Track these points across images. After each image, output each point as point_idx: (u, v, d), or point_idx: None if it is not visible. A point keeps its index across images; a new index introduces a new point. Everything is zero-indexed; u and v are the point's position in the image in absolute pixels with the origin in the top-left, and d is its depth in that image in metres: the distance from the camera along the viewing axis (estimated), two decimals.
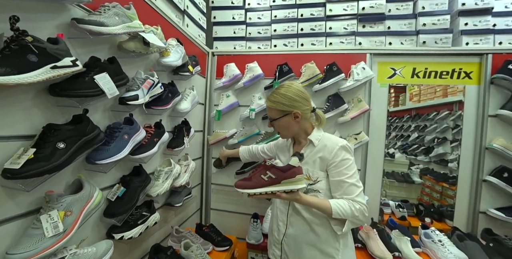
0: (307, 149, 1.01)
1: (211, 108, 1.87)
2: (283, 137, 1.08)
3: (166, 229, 1.39)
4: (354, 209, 0.87)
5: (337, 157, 0.92)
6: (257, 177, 0.83)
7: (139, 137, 1.03)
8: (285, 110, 0.96)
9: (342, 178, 0.91)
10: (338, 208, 0.87)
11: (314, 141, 0.99)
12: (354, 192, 0.90)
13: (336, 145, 0.94)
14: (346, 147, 0.94)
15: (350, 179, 0.90)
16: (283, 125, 0.99)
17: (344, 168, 0.91)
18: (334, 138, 0.99)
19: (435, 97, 1.95)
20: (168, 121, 1.41)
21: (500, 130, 1.53)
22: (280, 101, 0.96)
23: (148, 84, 1.09)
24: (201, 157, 1.87)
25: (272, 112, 1.00)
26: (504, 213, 1.41)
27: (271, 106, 0.99)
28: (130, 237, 0.95)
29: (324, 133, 1.03)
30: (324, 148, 0.96)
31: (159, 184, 1.17)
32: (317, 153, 0.97)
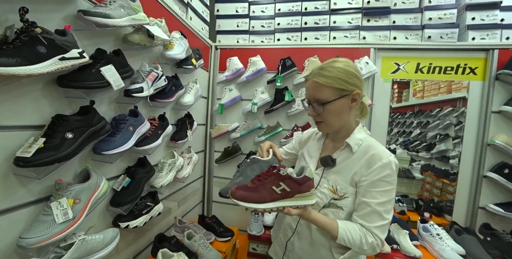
0: (341, 153, 0.82)
1: (214, 102, 1.89)
2: (326, 129, 0.83)
3: (169, 220, 1.43)
4: (365, 242, 0.71)
5: (376, 175, 0.73)
6: (267, 188, 0.66)
7: (144, 129, 1.05)
8: (345, 89, 0.74)
9: (369, 201, 0.72)
10: (345, 234, 0.72)
11: (353, 146, 0.79)
12: (375, 221, 0.72)
13: (380, 159, 0.73)
14: (392, 166, 0.73)
15: (379, 206, 0.72)
16: (335, 111, 0.76)
17: (377, 190, 0.72)
18: (381, 148, 0.78)
19: (439, 94, 1.94)
20: (171, 114, 1.43)
21: (503, 126, 1.54)
22: (339, 77, 0.74)
23: (152, 77, 1.10)
24: (203, 150, 1.89)
25: (324, 92, 0.75)
26: (503, 208, 1.43)
27: (326, 83, 0.74)
28: (135, 226, 0.98)
29: (367, 135, 0.82)
30: (363, 159, 0.76)
31: (162, 176, 1.20)
32: (353, 163, 0.78)
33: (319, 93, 0.76)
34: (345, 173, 0.78)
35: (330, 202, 0.79)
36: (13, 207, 0.66)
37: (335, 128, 0.82)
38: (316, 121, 0.82)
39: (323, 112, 0.76)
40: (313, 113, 0.80)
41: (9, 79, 0.60)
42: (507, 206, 1.44)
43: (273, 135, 1.69)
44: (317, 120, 0.82)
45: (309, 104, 0.81)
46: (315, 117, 0.81)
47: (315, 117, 0.81)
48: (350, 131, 0.83)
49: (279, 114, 1.74)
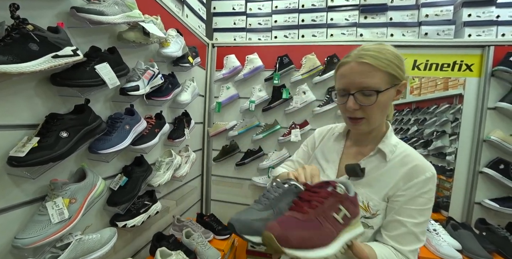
0: (370, 161, 0.68)
1: (211, 100, 1.88)
2: (364, 129, 0.66)
3: (167, 219, 1.42)
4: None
5: (417, 190, 0.61)
6: (329, 217, 0.46)
7: (140, 128, 1.04)
8: (397, 77, 0.61)
9: (405, 220, 0.61)
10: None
11: (387, 154, 0.66)
12: (410, 244, 0.61)
13: (424, 171, 0.62)
14: (435, 180, 0.63)
15: (416, 226, 0.61)
16: (384, 104, 0.62)
17: (416, 208, 0.61)
18: (421, 158, 0.66)
19: (436, 91, 1.95)
20: (168, 113, 1.42)
21: (498, 122, 1.54)
22: (393, 61, 0.61)
23: (148, 75, 1.09)
24: (201, 148, 1.88)
25: (376, 78, 0.60)
26: (498, 204, 1.44)
27: (380, 66, 0.59)
28: (133, 225, 0.97)
29: (400, 140, 0.70)
30: (402, 170, 0.64)
31: (160, 174, 1.19)
32: (388, 174, 0.65)
33: (370, 79, 0.60)
34: (378, 186, 0.65)
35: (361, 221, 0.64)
36: (7, 207, 0.65)
37: (372, 128, 0.67)
38: (352, 118, 0.64)
39: (372, 104, 0.60)
40: (355, 106, 0.61)
41: (0, 77, 0.59)
42: (502, 201, 1.45)
43: (271, 132, 1.69)
44: (356, 117, 0.63)
45: (348, 95, 0.62)
46: (354, 113, 0.63)
47: (354, 113, 0.63)
48: (381, 133, 0.70)
49: (276, 112, 1.73)
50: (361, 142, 0.73)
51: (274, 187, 0.56)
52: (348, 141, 0.77)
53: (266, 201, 0.53)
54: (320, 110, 1.59)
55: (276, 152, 1.69)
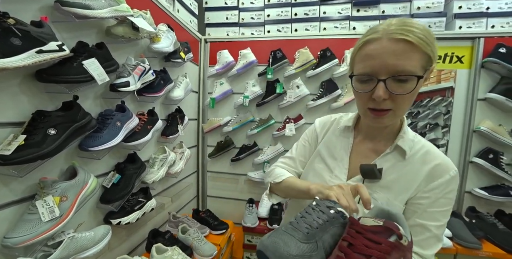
0: (387, 159, 0.60)
1: (205, 96, 1.86)
2: (388, 122, 0.56)
3: (163, 215, 1.42)
4: None
5: (441, 192, 0.56)
6: None
7: (132, 124, 1.02)
8: (432, 59, 0.51)
9: (429, 224, 0.56)
10: None
11: (407, 151, 0.59)
12: (432, 247, 0.57)
13: (448, 171, 0.57)
14: (458, 177, 0.58)
15: (439, 229, 0.57)
16: (417, 92, 0.52)
17: (440, 210, 0.56)
18: (442, 155, 0.60)
19: (429, 84, 1.95)
20: (161, 109, 1.40)
21: (487, 113, 1.57)
22: (431, 39, 0.50)
23: (139, 71, 1.07)
24: (196, 145, 1.87)
25: (414, 60, 0.49)
26: (487, 192, 1.47)
27: (422, 45, 0.48)
28: (128, 222, 0.96)
29: (416, 134, 0.63)
30: (424, 170, 0.57)
31: (154, 171, 1.18)
32: (409, 175, 0.58)
33: (408, 61, 0.48)
34: (398, 189, 0.57)
35: None
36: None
37: (398, 120, 0.59)
38: (376, 110, 0.53)
39: (409, 93, 0.49)
40: (385, 95, 0.50)
41: None
42: (491, 189, 1.48)
43: (266, 127, 1.68)
44: (382, 108, 0.52)
45: (377, 81, 0.50)
46: (381, 103, 0.51)
47: (381, 103, 0.51)
48: (396, 126, 0.61)
49: (271, 106, 1.72)
50: (374, 136, 0.63)
51: (316, 209, 0.44)
52: (358, 135, 0.67)
53: (308, 228, 0.41)
54: (314, 104, 1.59)
55: (271, 146, 1.68)
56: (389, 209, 0.44)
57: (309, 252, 0.39)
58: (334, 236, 0.42)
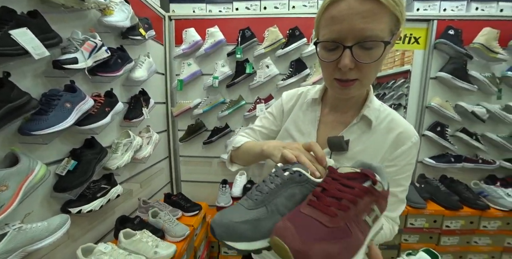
0: (352, 130, 0.58)
1: (172, 78, 1.72)
2: (355, 93, 0.53)
3: (133, 202, 1.34)
4: (392, 232, 0.59)
5: (404, 159, 0.56)
6: (360, 222, 0.35)
7: (86, 106, 0.90)
8: (400, 21, 0.47)
9: (395, 190, 0.56)
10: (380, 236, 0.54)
11: (373, 120, 0.57)
12: (397, 209, 0.59)
13: (410, 138, 0.56)
14: (417, 144, 0.57)
15: (404, 192, 0.58)
16: (383, 59, 0.49)
17: (404, 176, 0.57)
18: (405, 122, 0.58)
19: (394, 67, 2.02)
20: (122, 91, 1.27)
21: (438, 90, 1.68)
22: (401, 1, 0.45)
23: (89, 47, 0.93)
24: (166, 129, 1.77)
25: (383, 23, 0.44)
26: (435, 160, 1.63)
27: (390, 5, 0.43)
28: (90, 210, 0.88)
29: (381, 102, 0.61)
30: (388, 139, 0.56)
31: (117, 157, 1.09)
32: (375, 145, 0.57)
33: (376, 24, 0.43)
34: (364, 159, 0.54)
35: None
36: None
37: (364, 90, 0.56)
38: (342, 81, 0.49)
39: (375, 61, 0.46)
40: (352, 64, 0.46)
41: None
42: (438, 158, 1.64)
43: (237, 108, 1.63)
44: (348, 78, 0.49)
45: (343, 48, 0.45)
46: (347, 73, 0.48)
47: (347, 73, 0.48)
48: (362, 96, 0.59)
49: (241, 87, 1.66)
50: (341, 107, 0.60)
51: (272, 175, 0.42)
52: (325, 107, 0.63)
53: (258, 195, 0.39)
54: (284, 83, 1.56)
55: (243, 127, 1.65)
56: (371, 163, 0.42)
57: (256, 217, 0.37)
58: (291, 197, 0.39)
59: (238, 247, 0.36)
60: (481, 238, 1.46)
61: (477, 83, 1.59)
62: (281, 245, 0.31)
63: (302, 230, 0.31)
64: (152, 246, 0.91)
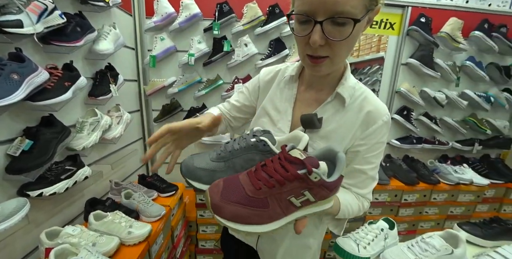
0: (327, 109, 0.56)
1: (144, 54, 1.56)
2: (327, 70, 0.51)
3: (104, 185, 1.25)
4: (361, 208, 0.60)
5: (375, 138, 0.55)
6: (283, 201, 0.38)
7: (39, 79, 0.77)
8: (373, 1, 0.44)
9: (365, 168, 0.57)
10: (347, 210, 0.56)
11: (346, 98, 0.55)
12: (368, 186, 0.59)
13: (380, 116, 0.54)
14: (387, 123, 0.56)
15: (373, 170, 0.58)
16: (356, 37, 0.47)
17: (374, 154, 0.56)
18: (377, 101, 0.57)
19: (371, 53, 2.03)
20: (85, 65, 1.12)
21: (407, 76, 1.75)
22: None
23: (36, 9, 0.77)
24: (139, 109, 1.64)
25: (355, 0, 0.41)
26: (399, 142, 1.74)
27: None
28: (53, 192, 0.80)
29: (357, 81, 0.60)
30: (359, 117, 0.55)
31: (83, 136, 0.98)
32: (347, 123, 0.55)
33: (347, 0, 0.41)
34: (336, 138, 0.55)
35: None
36: None
37: (336, 68, 0.54)
38: (312, 57, 0.47)
39: (346, 39, 0.43)
40: (321, 41, 0.43)
41: None
42: (402, 140, 1.76)
43: (214, 88, 1.55)
44: (319, 55, 0.47)
45: (314, 23, 0.43)
46: (318, 50, 0.46)
47: (318, 50, 0.46)
48: (339, 74, 0.57)
49: (218, 66, 1.57)
50: (316, 85, 0.58)
51: (242, 137, 0.47)
52: (302, 85, 0.61)
53: (223, 151, 0.46)
54: (263, 63, 1.50)
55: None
56: (338, 151, 0.43)
57: (214, 168, 0.44)
58: (249, 160, 0.44)
59: (194, 185, 0.45)
60: (431, 208, 1.65)
61: (440, 71, 1.68)
62: (207, 196, 0.39)
63: (227, 191, 0.38)
64: (126, 226, 0.87)
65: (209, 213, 1.51)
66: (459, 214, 1.68)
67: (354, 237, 0.78)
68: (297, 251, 0.69)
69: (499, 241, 0.86)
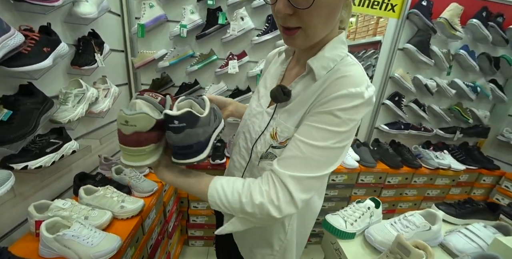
0: (300, 82, 0.51)
1: (132, 22, 1.43)
2: (301, 43, 0.46)
3: (93, 160, 1.22)
4: (248, 200, 0.43)
5: (331, 105, 0.43)
6: None
7: (13, 42, 0.69)
8: None
9: (301, 139, 0.44)
10: (217, 194, 0.45)
11: (316, 72, 0.47)
12: (295, 168, 0.43)
13: (346, 85, 0.43)
14: (363, 100, 0.42)
15: (314, 151, 0.43)
16: (328, 7, 0.41)
17: (321, 127, 0.43)
18: (356, 73, 0.45)
19: (367, 36, 1.98)
20: (65, 30, 1.01)
21: (402, 61, 1.74)
22: None
23: None
24: (127, 82, 1.54)
25: None
26: (388, 127, 1.79)
27: None
28: (39, 166, 0.76)
29: (347, 55, 0.50)
30: (326, 81, 0.46)
31: (68, 109, 0.92)
32: (309, 94, 0.47)
33: None
34: (296, 110, 0.49)
35: (268, 151, 0.51)
36: None
37: (316, 40, 0.46)
38: (285, 28, 0.44)
39: (308, 7, 0.39)
40: (286, 9, 0.40)
41: None
42: (391, 125, 1.81)
43: (207, 63, 1.47)
44: (289, 26, 0.43)
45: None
46: (287, 20, 0.42)
47: (287, 20, 0.42)
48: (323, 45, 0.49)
49: (213, 40, 1.48)
50: (302, 60, 0.53)
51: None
52: (292, 62, 0.59)
53: None
54: (259, 40, 1.42)
55: (214, 85, 1.52)
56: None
57: None
58: None
59: None
60: (410, 190, 1.76)
61: (434, 58, 1.68)
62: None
63: None
64: (118, 201, 0.86)
65: None
66: (435, 196, 1.81)
67: (343, 214, 0.83)
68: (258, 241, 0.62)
69: (469, 220, 0.94)
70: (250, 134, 0.58)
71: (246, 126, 0.60)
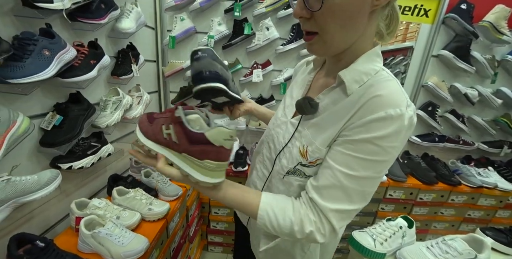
0: (329, 95, 0.49)
1: (164, 34, 1.56)
2: (320, 49, 0.45)
3: (124, 163, 1.33)
4: (298, 230, 0.45)
5: (366, 131, 0.40)
6: (158, 125, 0.47)
7: (68, 56, 0.80)
8: None
9: (339, 168, 0.42)
10: (267, 217, 0.46)
11: (348, 84, 0.44)
12: (336, 200, 0.43)
13: (383, 107, 0.39)
14: (403, 122, 0.39)
15: (352, 181, 0.42)
16: (346, 9, 0.39)
17: (359, 157, 0.41)
18: (393, 90, 0.42)
19: (395, 42, 1.93)
20: (108, 43, 1.14)
21: (436, 69, 1.66)
22: None
23: None
24: (157, 90, 1.67)
25: None
26: (420, 139, 1.69)
27: None
28: (81, 166, 0.86)
29: (382, 69, 0.46)
30: (358, 103, 0.42)
31: (107, 115, 1.03)
32: (342, 111, 0.44)
33: None
34: (326, 127, 0.46)
35: (296, 167, 0.50)
36: None
37: (336, 48, 0.44)
38: (306, 33, 0.44)
39: (319, 9, 0.38)
40: (301, 12, 0.40)
41: None
42: (423, 137, 1.71)
43: (232, 72, 1.54)
44: (307, 30, 0.43)
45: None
46: (305, 23, 0.42)
47: (305, 23, 0.42)
48: (356, 59, 0.46)
49: (238, 49, 1.55)
50: (332, 70, 0.51)
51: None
52: (321, 72, 0.57)
53: None
54: (284, 49, 1.46)
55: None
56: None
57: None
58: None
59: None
60: (447, 210, 1.63)
61: (476, 65, 1.57)
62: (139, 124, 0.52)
63: (145, 118, 0.51)
64: (146, 203, 0.93)
65: None
66: (477, 217, 1.65)
67: (371, 232, 0.80)
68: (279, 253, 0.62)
69: None
70: (274, 144, 0.59)
71: (270, 136, 0.61)
